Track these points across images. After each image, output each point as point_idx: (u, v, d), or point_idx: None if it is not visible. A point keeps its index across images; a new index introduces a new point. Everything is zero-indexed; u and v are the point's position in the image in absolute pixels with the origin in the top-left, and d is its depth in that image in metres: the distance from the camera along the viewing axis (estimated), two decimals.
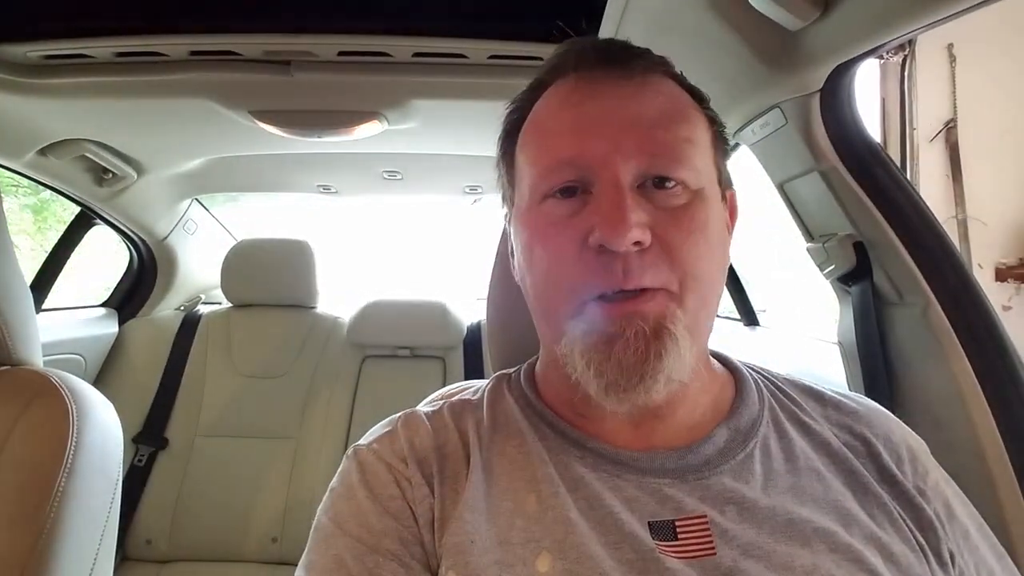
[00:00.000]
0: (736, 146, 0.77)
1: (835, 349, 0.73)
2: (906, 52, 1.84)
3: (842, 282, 0.69)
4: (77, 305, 1.54)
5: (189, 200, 1.61)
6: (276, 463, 1.41)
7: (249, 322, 1.56)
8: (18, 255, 0.65)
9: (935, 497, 0.39)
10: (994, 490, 0.53)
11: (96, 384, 1.21)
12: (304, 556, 0.37)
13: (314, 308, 1.63)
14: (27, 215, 2.38)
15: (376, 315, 1.53)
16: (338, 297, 1.76)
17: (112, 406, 0.66)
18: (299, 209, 2.38)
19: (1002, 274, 1.90)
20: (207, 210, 1.74)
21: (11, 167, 1.14)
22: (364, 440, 0.43)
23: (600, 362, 0.35)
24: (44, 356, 0.68)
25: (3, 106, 0.92)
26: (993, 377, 0.56)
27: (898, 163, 1.26)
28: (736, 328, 1.32)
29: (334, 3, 0.79)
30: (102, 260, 1.77)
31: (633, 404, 0.36)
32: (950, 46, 1.87)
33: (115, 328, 1.54)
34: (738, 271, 1.29)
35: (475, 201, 1.73)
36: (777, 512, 0.36)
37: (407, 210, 2.43)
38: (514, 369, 0.50)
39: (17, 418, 0.57)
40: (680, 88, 0.41)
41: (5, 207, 0.64)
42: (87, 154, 1.15)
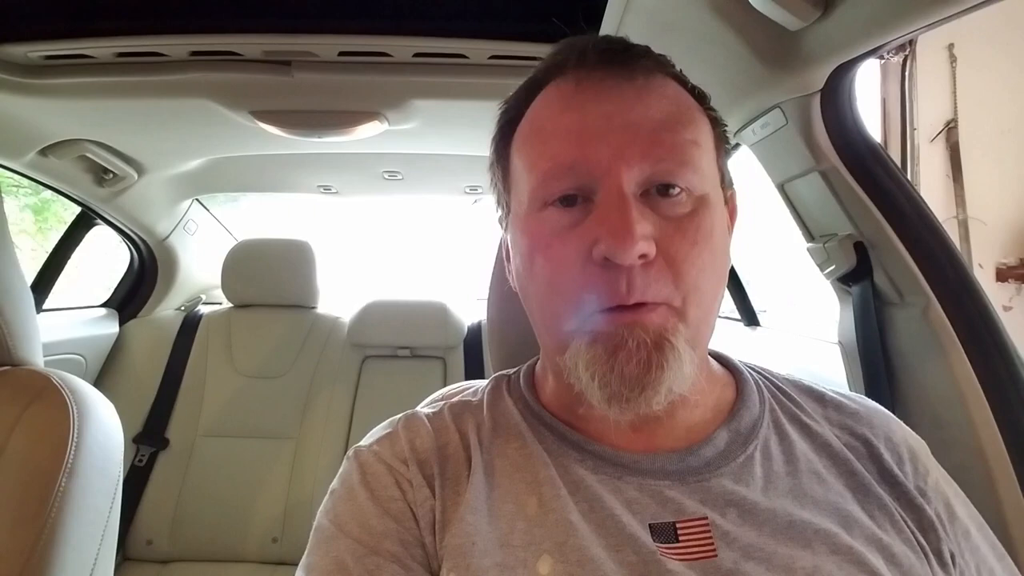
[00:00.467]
0: (737, 146, 0.77)
1: (835, 349, 0.73)
2: (906, 52, 1.84)
3: (842, 282, 0.69)
4: (78, 305, 1.54)
5: (190, 200, 1.61)
6: (276, 463, 1.41)
7: (249, 322, 1.56)
8: (19, 255, 0.65)
9: (936, 497, 0.39)
10: (994, 490, 0.53)
11: (97, 384, 1.22)
12: (304, 557, 0.37)
13: (314, 308, 1.63)
14: (28, 215, 2.38)
15: (376, 315, 1.53)
16: (338, 297, 1.76)
17: (113, 406, 0.66)
18: (299, 209, 2.39)
19: (1003, 274, 1.89)
20: (207, 210, 1.74)
21: (12, 167, 1.14)
22: (365, 441, 0.43)
23: (604, 374, 0.34)
24: (45, 356, 0.68)
25: (4, 106, 0.92)
26: (993, 377, 0.56)
27: (899, 163, 1.26)
28: (736, 328, 1.32)
29: (334, 3, 0.79)
30: (102, 261, 1.77)
31: (635, 414, 0.36)
32: (950, 46, 1.86)
33: (116, 328, 1.54)
34: (738, 271, 1.28)
35: (475, 201, 1.74)
36: (778, 514, 0.36)
37: (407, 210, 2.43)
38: (513, 371, 0.50)
39: (18, 418, 0.57)
40: (683, 89, 0.40)
41: (6, 207, 0.64)
42: (88, 154, 1.15)
